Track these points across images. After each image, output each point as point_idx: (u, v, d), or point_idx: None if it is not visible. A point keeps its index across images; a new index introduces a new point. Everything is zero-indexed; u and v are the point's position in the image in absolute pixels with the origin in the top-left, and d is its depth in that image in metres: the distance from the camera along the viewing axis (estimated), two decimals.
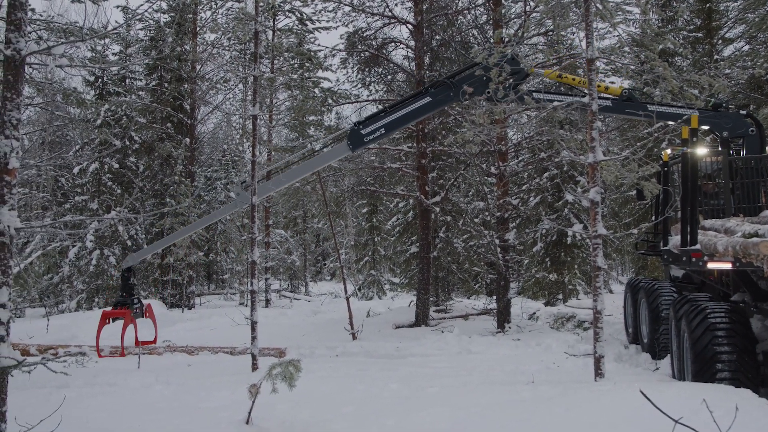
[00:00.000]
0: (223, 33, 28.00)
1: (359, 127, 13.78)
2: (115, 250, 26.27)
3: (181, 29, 29.36)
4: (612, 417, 6.31)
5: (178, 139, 28.67)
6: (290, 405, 7.80)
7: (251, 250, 11.72)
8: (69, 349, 14.66)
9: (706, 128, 13.21)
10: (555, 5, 9.68)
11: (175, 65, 29.16)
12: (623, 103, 13.14)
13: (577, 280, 25.29)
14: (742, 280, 10.23)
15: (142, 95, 30.21)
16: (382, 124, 13.67)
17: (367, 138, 13.76)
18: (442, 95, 13.49)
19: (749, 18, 26.85)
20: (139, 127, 28.14)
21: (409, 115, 13.69)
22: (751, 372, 8.49)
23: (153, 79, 29.91)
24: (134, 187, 27.37)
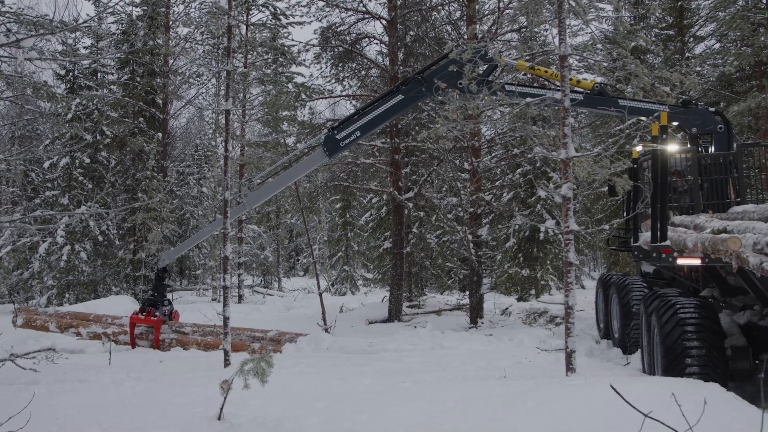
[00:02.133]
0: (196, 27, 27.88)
1: (334, 132, 13.74)
2: (86, 246, 26.08)
3: (153, 23, 29.15)
4: (583, 411, 6.36)
5: (150, 133, 28.45)
6: (263, 400, 7.78)
7: (223, 246, 11.66)
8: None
9: (675, 124, 13.32)
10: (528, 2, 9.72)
11: (148, 59, 28.94)
12: (595, 97, 13.21)
13: (550, 276, 25.46)
14: (711, 275, 10.35)
15: (114, 89, 29.96)
16: (357, 126, 13.65)
17: (343, 143, 13.74)
18: (414, 91, 13.49)
19: (720, 16, 27.09)
20: (111, 122, 27.89)
21: (384, 114, 13.68)
22: (720, 366, 8.59)
23: (125, 73, 29.68)
24: (105, 182, 27.16)
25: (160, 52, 29.32)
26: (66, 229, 25.47)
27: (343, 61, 22.12)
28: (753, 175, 14.69)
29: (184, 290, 37.02)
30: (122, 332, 15.66)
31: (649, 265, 13.47)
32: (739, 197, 11.95)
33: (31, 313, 16.90)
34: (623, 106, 12.69)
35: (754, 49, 24.40)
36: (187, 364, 12.49)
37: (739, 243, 6.72)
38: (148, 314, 15.38)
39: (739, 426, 5.56)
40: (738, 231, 7.35)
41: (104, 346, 15.03)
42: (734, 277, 9.24)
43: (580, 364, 9.65)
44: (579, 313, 18.20)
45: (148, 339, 15.32)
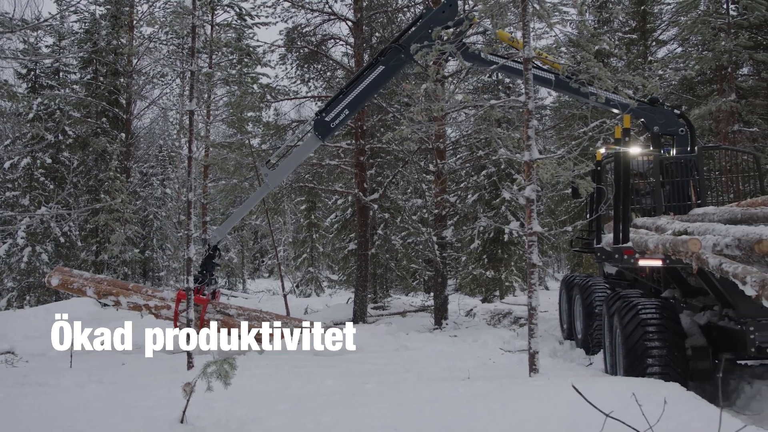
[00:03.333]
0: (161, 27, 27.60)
1: (322, 115, 13.65)
2: (47, 247, 25.74)
3: (117, 22, 28.86)
4: (545, 411, 6.40)
5: (114, 134, 28.14)
6: (226, 403, 7.74)
7: (187, 247, 11.58)
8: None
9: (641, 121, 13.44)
10: (493, 5, 9.77)
11: (111, 59, 28.64)
12: (567, 80, 13.26)
13: (514, 277, 25.59)
14: (672, 276, 10.48)
15: (77, 89, 29.61)
16: (345, 105, 13.56)
17: (333, 123, 13.65)
18: (394, 60, 13.42)
19: (682, 21, 27.44)
20: (73, 122, 27.56)
21: (368, 88, 13.58)
22: (681, 366, 8.70)
23: (88, 72, 29.34)
24: (67, 183, 26.85)
25: (123, 52, 29.03)
26: (27, 231, 25.11)
27: (309, 62, 22.09)
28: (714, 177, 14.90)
29: None
30: (164, 306, 15.18)
31: (612, 266, 13.58)
32: (700, 199, 12.10)
33: (65, 274, 16.35)
34: (591, 92, 12.81)
35: (714, 54, 24.74)
36: (150, 366, 12.37)
37: (699, 244, 6.80)
38: (197, 292, 14.59)
39: (698, 425, 5.63)
40: (698, 233, 7.45)
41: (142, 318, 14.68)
42: (695, 278, 9.36)
43: (543, 364, 9.70)
44: (543, 314, 18.30)
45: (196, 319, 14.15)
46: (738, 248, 6.16)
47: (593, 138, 22.19)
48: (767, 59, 24.83)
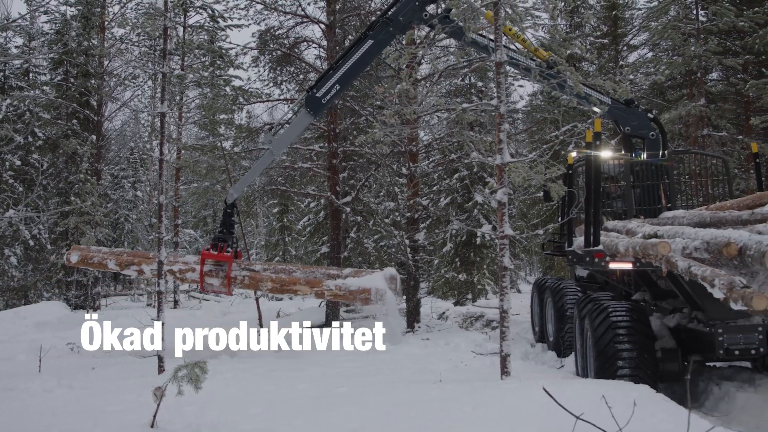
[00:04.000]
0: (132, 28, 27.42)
1: (313, 91, 13.57)
2: (16, 250, 25.49)
3: (88, 23, 28.66)
4: (517, 414, 6.42)
5: (84, 136, 27.92)
6: (197, 407, 7.69)
7: (158, 251, 11.51)
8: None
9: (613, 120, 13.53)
10: (466, 9, 9.80)
11: (82, 60, 28.44)
12: (547, 71, 13.28)
13: (486, 280, 25.66)
14: (642, 279, 10.56)
15: (47, 90, 29.38)
16: (335, 80, 13.49)
17: (324, 99, 13.57)
18: (383, 34, 13.38)
19: (652, 26, 27.74)
20: (43, 123, 27.34)
21: (358, 63, 13.51)
22: (650, 368, 8.76)
23: (58, 73, 29.13)
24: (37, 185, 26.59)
25: (94, 53, 28.81)
26: None
27: (282, 64, 22.03)
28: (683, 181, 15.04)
29: (119, 295, 36.44)
30: (189, 269, 14.66)
31: (583, 269, 13.66)
32: (670, 203, 12.20)
33: (84, 251, 16.02)
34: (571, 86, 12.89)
35: (684, 59, 25.01)
36: (120, 370, 12.27)
37: (668, 247, 6.86)
38: (220, 250, 14.32)
39: (667, 426, 5.68)
40: (668, 236, 7.51)
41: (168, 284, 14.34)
42: (664, 281, 9.43)
43: (515, 367, 9.74)
44: (515, 317, 18.37)
45: (219, 276, 14.27)
46: (707, 251, 6.22)
47: (565, 142, 22.35)
48: (736, 65, 25.16)
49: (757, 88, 23.72)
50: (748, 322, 8.32)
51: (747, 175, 24.57)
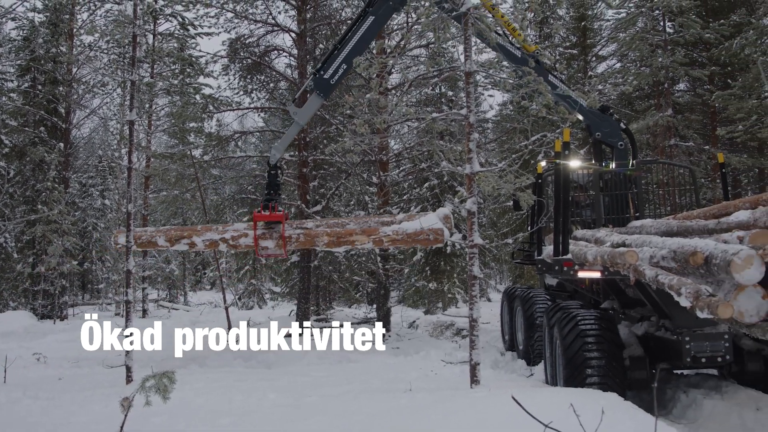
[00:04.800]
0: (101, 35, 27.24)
1: (321, 73, 13.42)
2: None
3: (56, 30, 28.41)
4: (486, 422, 6.43)
5: (52, 143, 27.67)
6: (165, 417, 7.63)
7: (126, 259, 11.42)
8: None
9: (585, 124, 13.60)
10: (436, 19, 9.85)
11: (50, 67, 28.19)
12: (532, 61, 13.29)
13: (457, 289, 25.70)
14: (611, 288, 10.65)
15: (14, 97, 29.06)
16: (341, 59, 13.33)
17: (333, 80, 13.40)
18: (383, 9, 13.29)
19: (620, 37, 28.02)
20: (10, 130, 27.05)
21: (362, 40, 13.36)
22: (619, 376, 8.82)
23: (26, 80, 28.83)
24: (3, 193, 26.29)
25: (63, 60, 28.59)
26: None
27: (252, 73, 21.98)
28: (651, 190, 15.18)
29: (87, 305, 36.06)
30: (241, 235, 13.96)
31: (553, 278, 13.73)
32: (639, 212, 12.31)
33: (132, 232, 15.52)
34: (551, 82, 12.99)
35: (652, 70, 25.30)
36: (87, 381, 12.16)
37: (636, 256, 6.92)
38: (272, 210, 13.60)
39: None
40: (636, 245, 7.57)
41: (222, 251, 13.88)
42: (633, 290, 9.51)
43: (484, 376, 9.76)
44: (485, 325, 18.44)
45: (272, 237, 13.55)
46: (674, 260, 6.28)
47: (534, 151, 22.47)
48: (702, 76, 25.49)
49: (723, 99, 24.04)
50: (715, 330, 8.41)
51: (713, 184, 24.88)
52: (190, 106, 24.37)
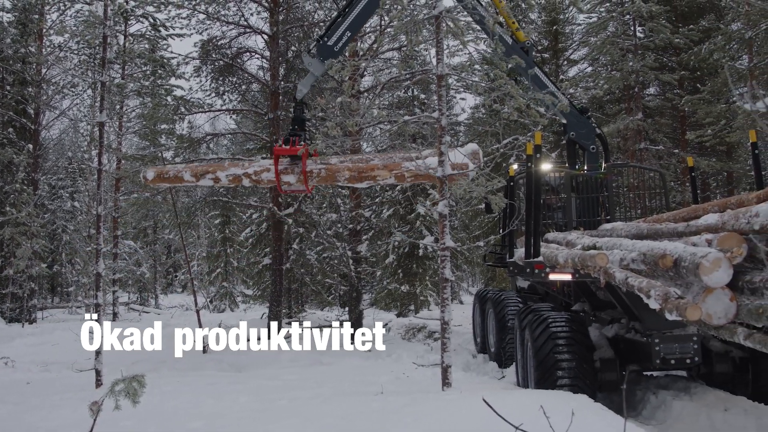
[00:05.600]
0: (71, 36, 26.99)
1: (324, 40, 13.09)
2: None
3: (25, 30, 28.12)
4: (457, 425, 6.43)
5: (21, 144, 27.38)
6: (135, 422, 7.55)
7: (96, 262, 11.31)
8: None
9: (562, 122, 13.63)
10: (408, 22, 9.84)
11: (19, 67, 27.91)
12: (519, 51, 13.27)
13: (429, 292, 25.73)
14: (581, 290, 10.71)
15: None
16: (345, 27, 12.97)
17: (336, 47, 13.03)
18: None
19: (592, 41, 28.21)
20: None
21: (367, 6, 13.19)
22: (589, 378, 8.88)
23: None
24: None
25: (32, 61, 28.32)
26: None
27: (224, 75, 21.89)
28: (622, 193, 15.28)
29: (56, 308, 35.71)
30: (264, 170, 13.25)
31: (524, 281, 13.78)
32: (609, 215, 12.39)
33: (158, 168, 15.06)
34: (535, 75, 13.04)
35: (622, 74, 25.50)
36: (56, 385, 12.03)
37: (606, 259, 6.96)
38: (293, 145, 12.86)
39: None
40: (606, 247, 7.61)
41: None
42: (603, 292, 9.58)
43: (456, 378, 9.77)
44: (457, 328, 18.47)
45: (294, 172, 12.98)
46: (643, 263, 6.32)
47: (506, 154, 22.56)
48: (672, 80, 25.70)
49: (692, 103, 24.28)
50: (684, 332, 8.49)
51: (683, 188, 25.10)
52: (161, 107, 24.20)
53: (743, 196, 6.94)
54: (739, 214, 5.59)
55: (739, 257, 5.33)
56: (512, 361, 12.25)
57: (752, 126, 16.61)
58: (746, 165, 25.63)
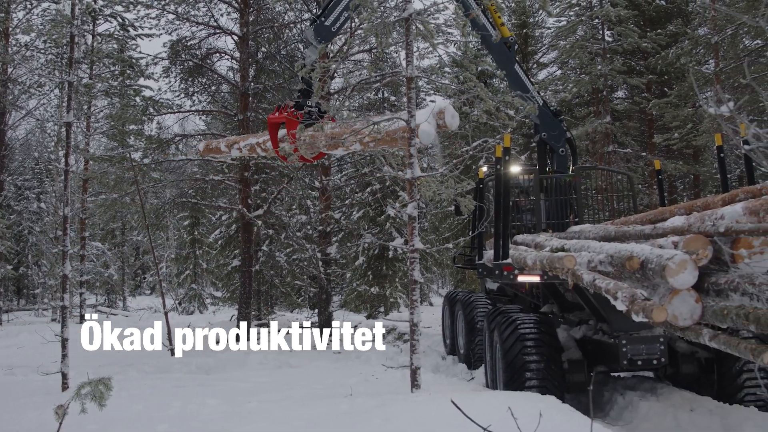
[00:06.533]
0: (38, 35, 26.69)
1: (321, 20, 12.73)
2: None
3: None
4: (426, 427, 6.44)
5: None
6: (101, 425, 7.48)
7: (63, 264, 11.19)
8: None
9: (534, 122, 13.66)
10: (378, 24, 9.85)
11: None
12: (501, 46, 13.26)
13: (399, 293, 25.74)
14: (550, 292, 10.77)
15: None
16: (344, 6, 12.78)
17: (334, 27, 12.72)
18: None
19: (561, 45, 28.41)
20: None
21: None
22: (557, 379, 8.93)
23: None
24: None
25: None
26: None
27: (193, 75, 21.74)
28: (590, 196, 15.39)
29: (22, 310, 35.30)
30: (268, 139, 13.22)
31: (493, 282, 13.83)
32: (578, 217, 12.46)
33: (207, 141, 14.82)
34: (516, 71, 13.06)
35: (591, 77, 25.70)
36: (21, 389, 11.87)
37: (574, 261, 7.01)
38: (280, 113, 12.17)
39: None
40: (575, 249, 7.66)
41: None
42: (571, 294, 9.64)
43: (425, 380, 9.78)
44: (426, 329, 18.50)
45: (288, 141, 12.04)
46: (611, 264, 6.37)
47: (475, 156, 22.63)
48: (640, 84, 25.97)
49: (660, 107, 24.53)
50: (650, 333, 8.57)
51: (650, 190, 25.36)
52: (129, 108, 23.98)
53: (709, 198, 7.01)
54: (705, 216, 5.65)
55: (705, 259, 5.40)
56: (481, 363, 12.29)
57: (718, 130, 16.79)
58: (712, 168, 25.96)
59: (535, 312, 10.76)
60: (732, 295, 5.11)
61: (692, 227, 5.64)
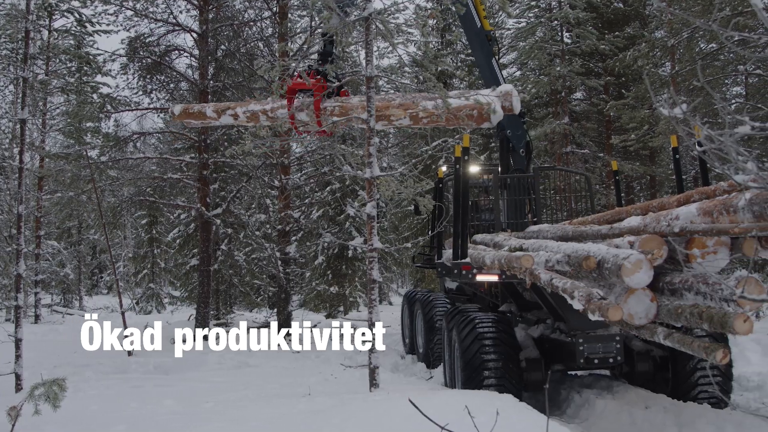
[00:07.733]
0: None
1: None
2: None
3: None
4: (384, 425, 6.44)
5: None
6: (56, 426, 7.39)
7: (17, 263, 11.02)
8: None
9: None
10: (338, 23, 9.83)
11: None
12: (482, 36, 13.25)
13: (358, 293, 25.77)
14: (508, 291, 10.84)
15: None
16: None
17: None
18: None
19: (520, 46, 28.62)
20: None
21: None
22: (515, 378, 8.99)
23: None
24: None
25: None
26: None
27: (152, 73, 21.51)
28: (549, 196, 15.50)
29: None
30: (280, 107, 12.18)
31: (452, 282, 13.87)
32: (536, 217, 12.54)
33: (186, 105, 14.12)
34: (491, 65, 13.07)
35: (550, 78, 25.92)
36: None
37: (531, 260, 7.05)
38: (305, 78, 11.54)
39: None
40: (533, 249, 7.71)
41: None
42: (529, 293, 9.71)
43: (384, 379, 9.79)
44: (386, 329, 18.51)
45: (309, 109, 11.79)
46: (568, 264, 6.42)
47: (435, 156, 22.71)
48: (598, 85, 26.25)
49: (617, 108, 24.81)
50: (607, 332, 8.65)
51: (608, 191, 25.63)
52: (86, 105, 23.67)
53: (665, 199, 7.10)
54: (661, 217, 5.72)
55: (660, 259, 5.46)
56: (440, 362, 12.31)
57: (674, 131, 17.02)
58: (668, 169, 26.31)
59: (494, 311, 10.80)
60: (686, 294, 5.18)
61: (648, 227, 5.70)
